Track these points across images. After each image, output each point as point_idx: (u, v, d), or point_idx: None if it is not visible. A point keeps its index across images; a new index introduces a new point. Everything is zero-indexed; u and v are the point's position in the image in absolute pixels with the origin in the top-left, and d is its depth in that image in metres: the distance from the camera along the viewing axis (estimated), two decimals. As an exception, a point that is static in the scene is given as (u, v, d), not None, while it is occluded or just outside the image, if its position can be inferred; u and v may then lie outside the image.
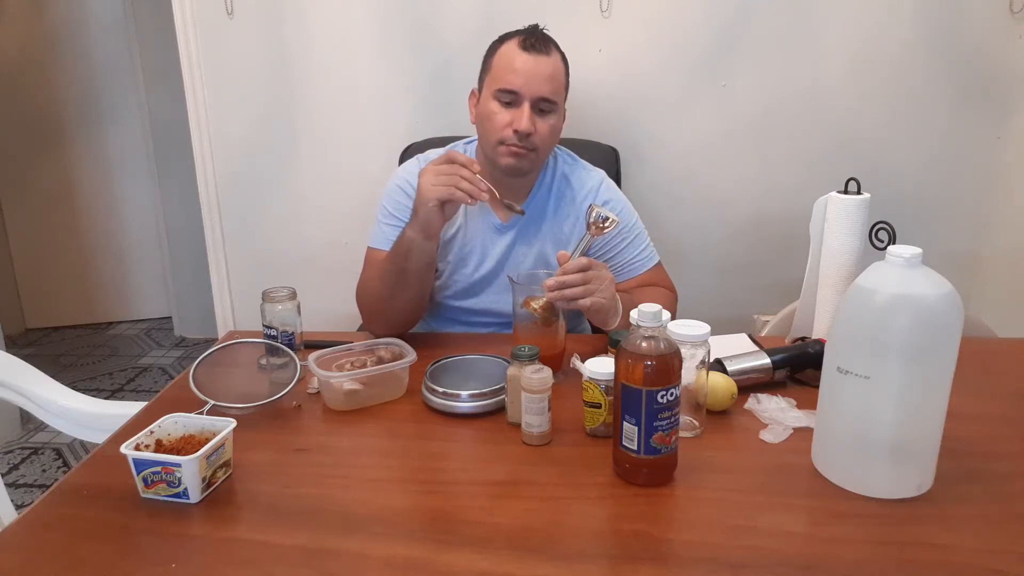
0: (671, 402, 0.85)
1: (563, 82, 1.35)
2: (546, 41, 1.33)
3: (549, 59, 1.31)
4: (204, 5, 1.97)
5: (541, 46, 1.31)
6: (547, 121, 1.32)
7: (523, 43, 1.31)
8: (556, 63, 1.33)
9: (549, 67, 1.31)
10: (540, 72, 1.30)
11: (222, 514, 0.85)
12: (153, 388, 2.89)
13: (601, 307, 1.15)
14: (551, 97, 1.31)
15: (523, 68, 1.30)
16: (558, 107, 1.34)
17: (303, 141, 2.06)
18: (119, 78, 3.30)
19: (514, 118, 1.30)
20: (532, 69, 1.29)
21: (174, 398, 1.10)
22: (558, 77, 1.33)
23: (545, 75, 1.30)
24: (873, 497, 0.84)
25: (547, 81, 1.30)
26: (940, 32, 1.81)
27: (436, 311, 1.49)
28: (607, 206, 1.40)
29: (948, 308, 0.80)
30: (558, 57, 1.34)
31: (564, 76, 1.35)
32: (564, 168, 1.45)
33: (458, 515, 0.84)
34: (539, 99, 1.30)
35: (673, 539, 0.80)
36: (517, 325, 1.19)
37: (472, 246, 1.42)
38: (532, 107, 1.30)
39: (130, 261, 3.55)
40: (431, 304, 1.47)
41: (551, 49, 1.33)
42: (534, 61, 1.30)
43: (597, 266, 1.16)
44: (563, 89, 1.36)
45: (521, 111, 1.29)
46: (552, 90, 1.31)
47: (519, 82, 1.29)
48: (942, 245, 1.94)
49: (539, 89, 1.29)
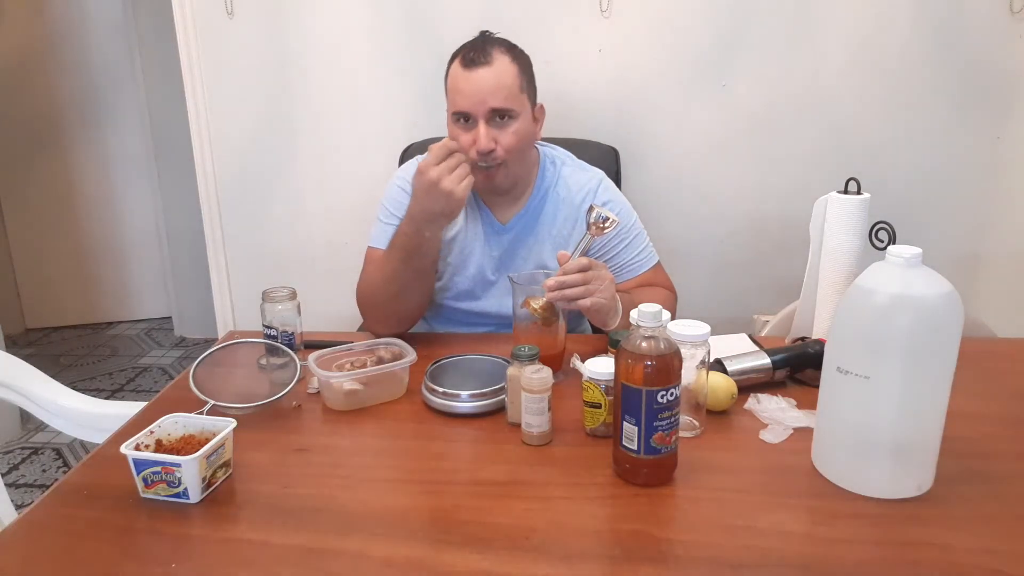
0: (671, 402, 0.85)
1: (516, 85, 1.29)
2: (486, 51, 1.27)
3: (491, 69, 1.26)
4: (204, 5, 1.97)
5: (481, 58, 1.26)
6: (508, 129, 1.29)
7: (463, 60, 1.28)
8: (502, 70, 1.27)
9: (492, 78, 1.26)
10: (483, 86, 1.25)
11: (222, 514, 0.85)
12: (153, 388, 2.89)
13: (601, 307, 1.15)
14: (503, 106, 1.27)
15: (467, 87, 1.26)
16: (517, 111, 1.29)
17: (303, 141, 2.06)
18: (119, 78, 3.30)
19: (474, 138, 1.28)
20: (475, 85, 1.26)
21: (174, 398, 1.10)
22: (506, 83, 1.27)
23: (489, 87, 1.26)
24: (873, 497, 0.84)
25: (493, 93, 1.26)
26: (940, 32, 1.81)
27: (436, 312, 1.49)
28: (606, 207, 1.39)
29: (948, 308, 0.80)
30: (505, 61, 1.28)
31: (517, 78, 1.29)
32: (563, 169, 1.44)
33: (458, 515, 0.84)
34: (491, 112, 1.26)
35: (673, 539, 0.80)
36: (517, 325, 1.19)
37: (472, 248, 1.42)
38: (487, 122, 1.27)
39: (130, 261, 3.55)
40: (432, 306, 1.47)
41: (493, 57, 1.27)
42: (476, 76, 1.26)
43: (597, 266, 1.16)
44: (519, 91, 1.29)
45: (477, 130, 1.27)
46: (503, 98, 1.26)
47: (466, 103, 1.27)
48: (942, 245, 1.94)
49: (487, 103, 1.26)
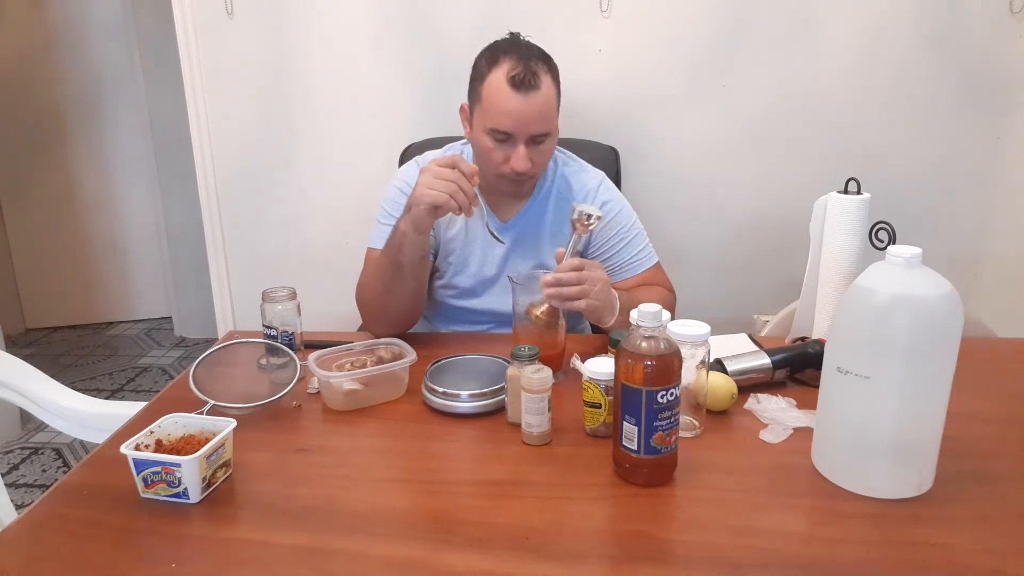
0: (671, 402, 0.85)
1: (555, 106, 1.30)
2: (535, 74, 1.24)
3: (540, 94, 1.24)
4: (204, 5, 1.97)
5: (532, 81, 1.23)
6: (543, 147, 1.30)
7: (513, 81, 1.23)
8: (547, 94, 1.26)
9: (541, 103, 1.25)
10: (532, 112, 1.24)
11: (222, 514, 0.85)
12: (153, 388, 2.89)
13: (596, 308, 1.16)
14: (545, 131, 1.28)
15: (515, 110, 1.24)
16: (554, 131, 1.31)
17: (303, 141, 2.06)
18: (119, 78, 3.30)
19: (510, 157, 1.28)
20: (524, 110, 1.24)
21: (174, 398, 1.10)
22: (550, 107, 1.28)
23: (537, 113, 1.25)
24: (873, 497, 0.84)
25: (539, 118, 1.26)
26: (940, 32, 1.81)
27: (438, 311, 1.49)
28: (606, 206, 1.41)
29: (948, 308, 0.80)
30: (549, 82, 1.27)
31: (556, 99, 1.30)
32: (564, 169, 1.45)
33: (458, 515, 0.84)
34: (533, 136, 1.27)
35: (673, 539, 0.80)
36: (517, 325, 1.19)
37: (473, 247, 1.42)
38: (527, 143, 1.27)
39: (130, 261, 3.55)
40: (433, 303, 1.47)
41: (540, 81, 1.25)
42: (526, 101, 1.23)
43: (590, 266, 1.16)
44: (556, 111, 1.30)
45: (517, 152, 1.27)
46: (545, 124, 1.27)
47: (512, 125, 1.25)
48: (942, 245, 1.94)
49: (533, 128, 1.26)
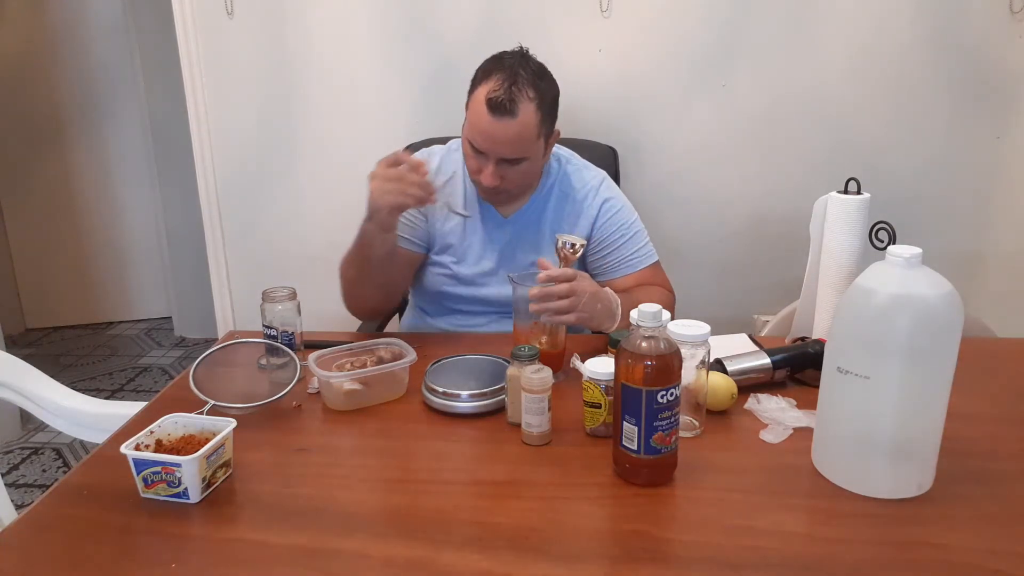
0: (671, 402, 0.85)
1: (534, 135, 1.28)
2: (514, 99, 1.23)
3: (515, 122, 1.24)
4: (204, 5, 1.97)
5: (508, 107, 1.23)
6: (517, 168, 1.31)
7: (490, 103, 1.23)
8: (524, 121, 1.25)
9: (514, 131, 1.25)
10: (504, 137, 1.25)
11: (222, 514, 0.85)
12: (153, 388, 2.89)
13: (586, 320, 1.17)
14: (516, 156, 1.28)
15: (488, 130, 1.25)
16: (529, 157, 1.30)
17: (303, 141, 2.06)
18: (119, 78, 3.29)
19: (482, 168, 1.30)
20: (495, 134, 1.25)
21: (174, 398, 1.10)
22: (526, 134, 1.26)
23: (508, 140, 1.25)
24: (873, 497, 0.84)
25: (509, 145, 1.26)
26: (940, 32, 1.81)
27: (439, 300, 1.49)
28: (606, 204, 1.42)
29: (948, 308, 0.80)
30: (530, 111, 1.25)
31: (537, 127, 1.28)
32: (567, 167, 1.46)
33: (458, 515, 0.84)
34: (503, 159, 1.28)
35: (673, 539, 0.80)
36: (517, 326, 1.19)
37: (472, 240, 1.43)
38: (498, 163, 1.29)
39: (130, 261, 3.55)
40: (431, 295, 1.48)
41: (518, 108, 1.23)
42: (499, 125, 1.24)
43: (579, 277, 1.16)
44: (535, 139, 1.29)
45: (487, 168, 1.29)
46: (516, 150, 1.27)
47: (483, 144, 1.27)
48: (942, 245, 1.94)
49: (502, 152, 1.27)
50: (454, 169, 1.44)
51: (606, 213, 1.42)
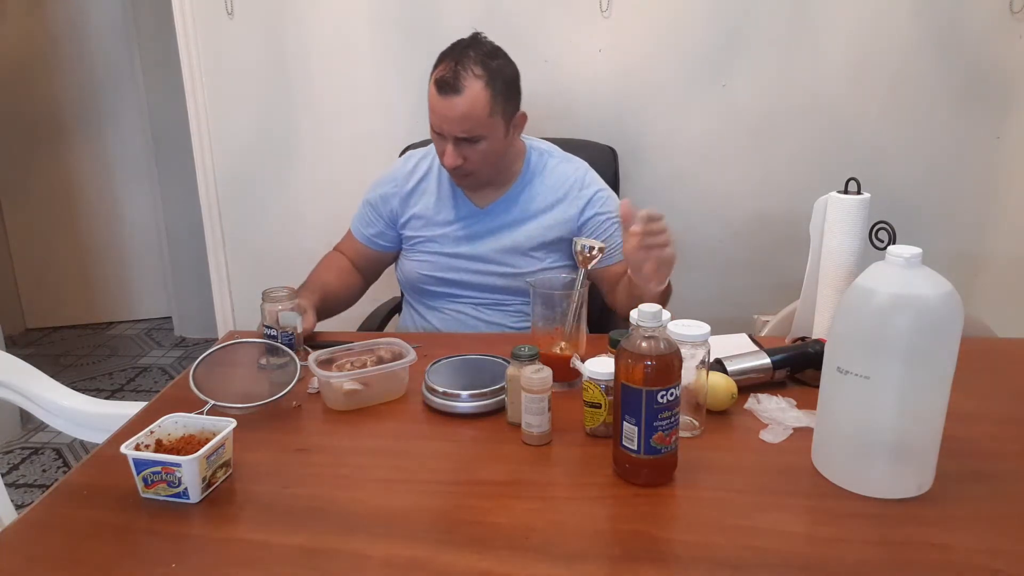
0: (671, 402, 0.85)
1: (485, 112, 1.30)
2: (458, 76, 1.28)
3: (460, 99, 1.28)
4: (204, 5, 1.97)
5: (453, 83, 1.27)
6: (477, 147, 1.33)
7: (437, 83, 1.29)
8: (472, 99, 1.28)
9: (462, 107, 1.28)
10: (452, 115, 1.29)
11: (222, 514, 0.85)
12: (153, 388, 2.89)
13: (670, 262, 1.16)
14: (468, 135, 1.31)
15: (438, 109, 1.30)
16: (485, 135, 1.33)
17: (303, 141, 2.06)
18: (119, 78, 3.29)
19: (444, 149, 1.34)
20: (445, 111, 1.29)
21: (174, 398, 1.10)
22: (474, 113, 1.29)
23: (456, 117, 1.29)
24: (873, 497, 0.84)
25: (459, 122, 1.30)
26: (940, 32, 1.81)
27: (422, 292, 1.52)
28: (597, 196, 1.46)
29: (948, 308, 0.80)
30: (477, 88, 1.28)
31: (487, 105, 1.30)
32: (548, 160, 1.49)
33: (458, 515, 0.84)
34: (462, 137, 1.32)
35: (673, 539, 0.80)
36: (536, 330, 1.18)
37: (447, 230, 1.47)
38: (456, 142, 1.32)
39: (130, 261, 3.54)
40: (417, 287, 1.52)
41: (463, 85, 1.27)
42: (447, 103, 1.29)
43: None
44: (487, 117, 1.31)
45: (447, 148, 1.33)
46: (468, 128, 1.30)
47: (437, 123, 1.33)
48: (942, 245, 1.94)
49: (454, 130, 1.31)
50: (429, 166, 1.50)
51: (596, 203, 1.45)
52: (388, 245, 1.54)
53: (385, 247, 1.54)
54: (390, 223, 1.52)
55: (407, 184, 1.50)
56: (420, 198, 1.49)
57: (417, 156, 1.53)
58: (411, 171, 1.51)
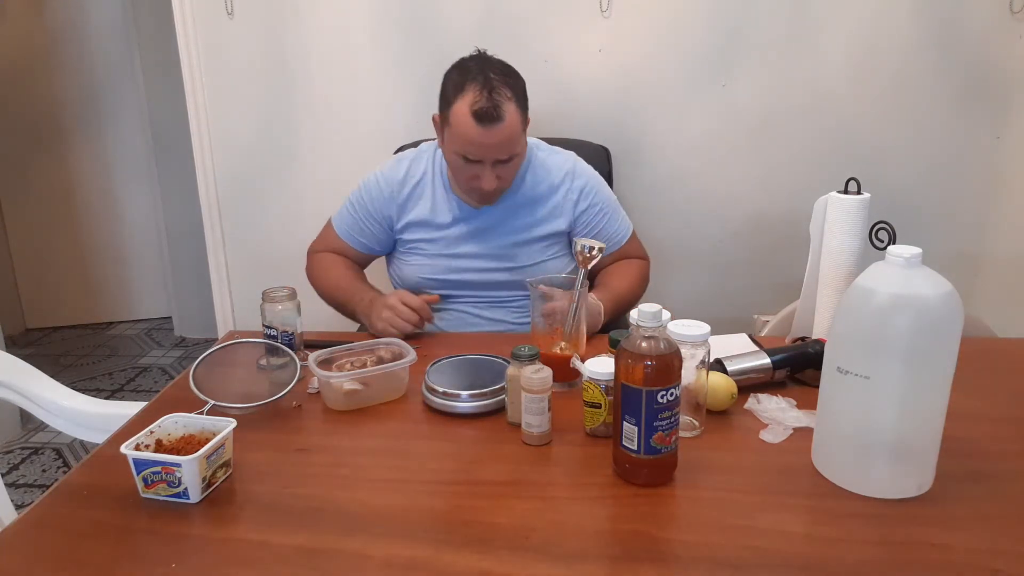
0: (671, 402, 0.85)
1: (520, 130, 1.32)
2: (498, 106, 1.26)
3: (504, 125, 1.28)
4: (204, 5, 1.97)
5: (494, 113, 1.26)
6: (511, 164, 1.35)
7: (476, 115, 1.26)
8: (511, 122, 1.29)
9: (505, 133, 1.28)
10: (495, 142, 1.29)
11: (222, 514, 0.85)
12: (153, 388, 2.89)
13: None
14: (510, 155, 1.33)
15: (480, 141, 1.29)
16: (518, 152, 1.35)
17: (303, 141, 2.06)
18: (119, 78, 3.29)
19: (479, 175, 1.34)
20: (487, 140, 1.28)
21: (174, 398, 1.10)
22: (515, 133, 1.31)
23: (500, 143, 1.29)
24: (873, 497, 0.84)
25: (503, 146, 1.30)
26: (940, 32, 1.81)
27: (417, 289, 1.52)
28: (586, 189, 1.48)
29: (948, 308, 0.80)
30: (511, 110, 1.28)
31: (521, 123, 1.32)
32: (537, 153, 1.50)
33: (458, 515, 0.84)
34: (499, 160, 1.32)
35: (673, 539, 0.80)
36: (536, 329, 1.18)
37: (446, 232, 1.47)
38: (494, 165, 1.33)
39: (130, 261, 3.54)
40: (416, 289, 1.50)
41: (503, 111, 1.27)
42: (490, 133, 1.28)
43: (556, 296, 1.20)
44: (521, 133, 1.33)
45: (485, 174, 1.33)
46: (509, 150, 1.32)
47: (478, 153, 1.31)
48: (942, 245, 1.94)
49: (497, 156, 1.31)
50: (423, 170, 1.49)
51: (586, 197, 1.47)
52: (380, 250, 1.56)
53: (378, 252, 1.56)
54: (386, 229, 1.51)
55: (402, 191, 1.48)
56: (416, 203, 1.48)
57: (407, 160, 1.51)
58: (404, 178, 1.49)
